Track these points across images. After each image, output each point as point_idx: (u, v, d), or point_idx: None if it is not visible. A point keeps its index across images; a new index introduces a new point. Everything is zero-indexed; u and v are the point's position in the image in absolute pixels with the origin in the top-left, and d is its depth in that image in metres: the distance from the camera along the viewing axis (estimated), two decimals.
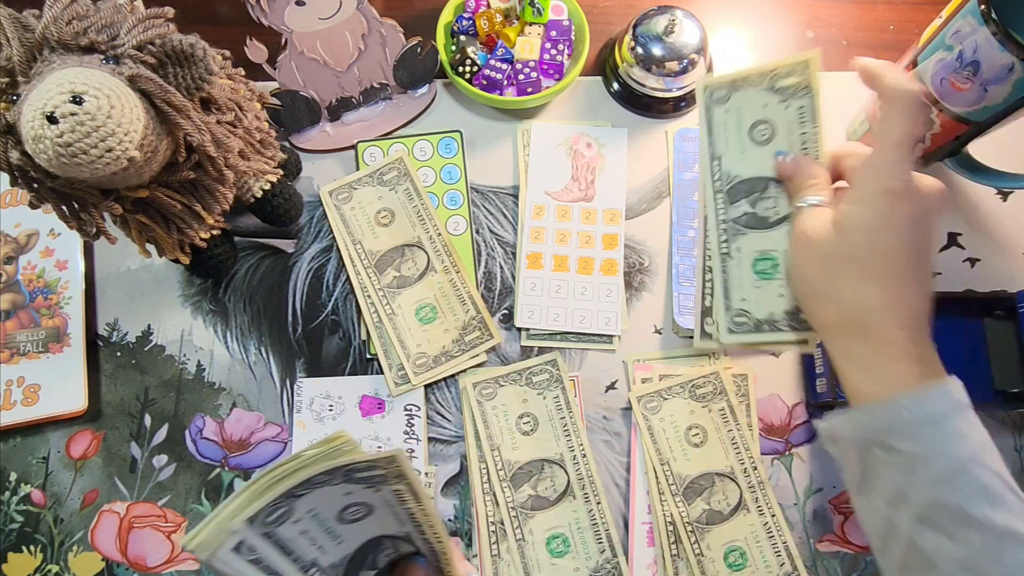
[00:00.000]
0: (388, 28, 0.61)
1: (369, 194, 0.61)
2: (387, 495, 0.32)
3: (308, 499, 0.30)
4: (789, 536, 0.55)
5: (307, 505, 0.30)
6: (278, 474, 0.29)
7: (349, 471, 0.30)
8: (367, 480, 0.31)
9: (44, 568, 0.55)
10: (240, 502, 0.28)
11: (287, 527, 0.30)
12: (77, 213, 0.44)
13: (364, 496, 0.32)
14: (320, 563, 0.32)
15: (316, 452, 0.29)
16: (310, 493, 0.30)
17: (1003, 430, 0.58)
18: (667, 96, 0.63)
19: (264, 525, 0.29)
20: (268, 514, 0.29)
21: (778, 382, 0.59)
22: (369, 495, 0.32)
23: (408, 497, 0.32)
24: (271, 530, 0.29)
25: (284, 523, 0.30)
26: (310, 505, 0.30)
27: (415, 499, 0.33)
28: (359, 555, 0.35)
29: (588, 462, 0.56)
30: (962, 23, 0.47)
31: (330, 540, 0.32)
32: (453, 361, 0.57)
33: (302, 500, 0.30)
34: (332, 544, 0.33)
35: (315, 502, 0.31)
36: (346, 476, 0.30)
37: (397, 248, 0.60)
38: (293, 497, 0.29)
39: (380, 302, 0.58)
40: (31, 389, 0.57)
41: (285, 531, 0.30)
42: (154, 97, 0.40)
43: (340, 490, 0.31)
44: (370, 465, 0.30)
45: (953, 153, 0.58)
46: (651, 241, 0.62)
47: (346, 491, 0.31)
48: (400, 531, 0.35)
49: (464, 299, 0.59)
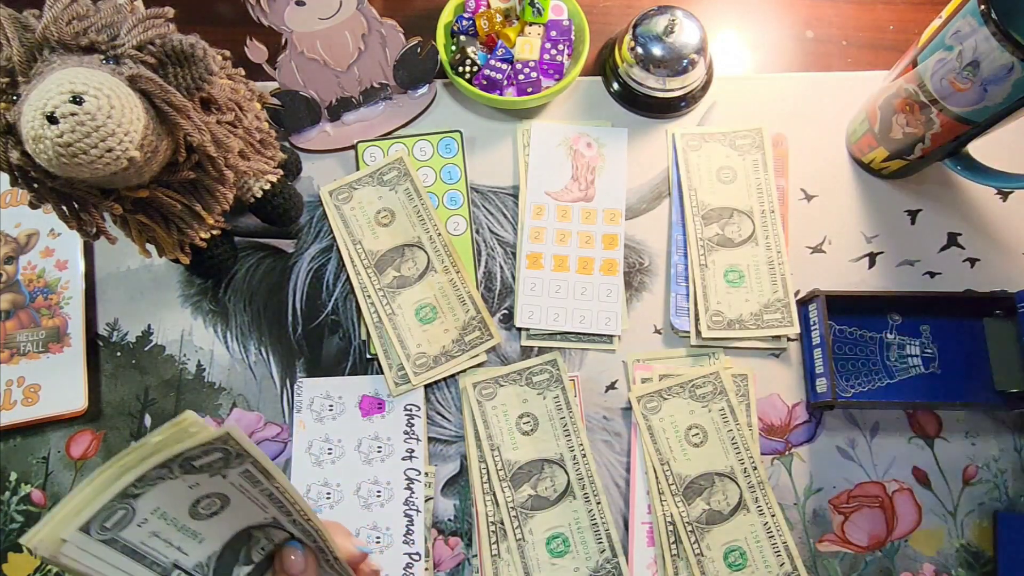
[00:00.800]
0: (388, 28, 0.61)
1: (369, 194, 0.61)
2: (236, 479, 0.30)
3: (149, 498, 0.28)
4: (789, 536, 0.55)
5: (150, 504, 0.28)
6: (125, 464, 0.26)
7: (186, 460, 0.27)
8: (209, 467, 0.28)
9: (44, 568, 0.55)
10: (83, 498, 0.26)
11: (132, 531, 0.28)
12: (77, 213, 0.44)
13: (213, 486, 0.29)
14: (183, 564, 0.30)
15: (161, 438, 0.26)
16: (150, 491, 0.27)
17: (1003, 430, 0.58)
18: (667, 96, 0.63)
19: (103, 531, 0.27)
20: (105, 519, 0.26)
21: (778, 382, 0.59)
22: (218, 483, 0.30)
23: (259, 477, 0.30)
24: (114, 536, 0.27)
25: (128, 527, 0.27)
26: (154, 504, 0.28)
27: (266, 477, 0.30)
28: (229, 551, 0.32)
29: (588, 462, 0.56)
30: (962, 23, 0.47)
31: (189, 539, 0.30)
32: (453, 361, 0.57)
33: (142, 499, 0.27)
34: (193, 543, 0.30)
35: (159, 500, 0.28)
36: (184, 467, 0.27)
37: (397, 248, 0.60)
38: (130, 497, 0.27)
39: (380, 302, 0.58)
40: (31, 389, 0.57)
41: (131, 535, 0.28)
42: (154, 97, 0.40)
43: (184, 483, 0.28)
44: (205, 450, 0.27)
45: (953, 153, 0.58)
46: (651, 241, 0.62)
47: (191, 483, 0.29)
48: (266, 518, 0.33)
49: (464, 299, 0.59)
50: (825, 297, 0.57)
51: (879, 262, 0.62)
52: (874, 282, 0.62)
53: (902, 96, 0.55)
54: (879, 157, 0.62)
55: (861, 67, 0.67)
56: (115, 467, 0.26)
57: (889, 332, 0.60)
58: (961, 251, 0.62)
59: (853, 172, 0.64)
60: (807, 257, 0.62)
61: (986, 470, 0.57)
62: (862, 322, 0.60)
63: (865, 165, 0.64)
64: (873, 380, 0.59)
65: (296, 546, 0.34)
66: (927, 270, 0.62)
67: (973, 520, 0.57)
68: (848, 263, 0.62)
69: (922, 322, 0.60)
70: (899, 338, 0.60)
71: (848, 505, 0.57)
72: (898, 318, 0.60)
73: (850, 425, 0.58)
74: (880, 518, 0.57)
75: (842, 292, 0.59)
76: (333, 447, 0.56)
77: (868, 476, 0.57)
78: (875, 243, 0.62)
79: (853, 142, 0.64)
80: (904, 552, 0.56)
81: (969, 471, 0.57)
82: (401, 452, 0.56)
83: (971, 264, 0.62)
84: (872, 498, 0.57)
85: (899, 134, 0.58)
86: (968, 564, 0.56)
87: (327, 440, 0.56)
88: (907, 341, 0.60)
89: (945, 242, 0.63)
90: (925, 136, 0.56)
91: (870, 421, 0.58)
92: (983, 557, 0.56)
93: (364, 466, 0.56)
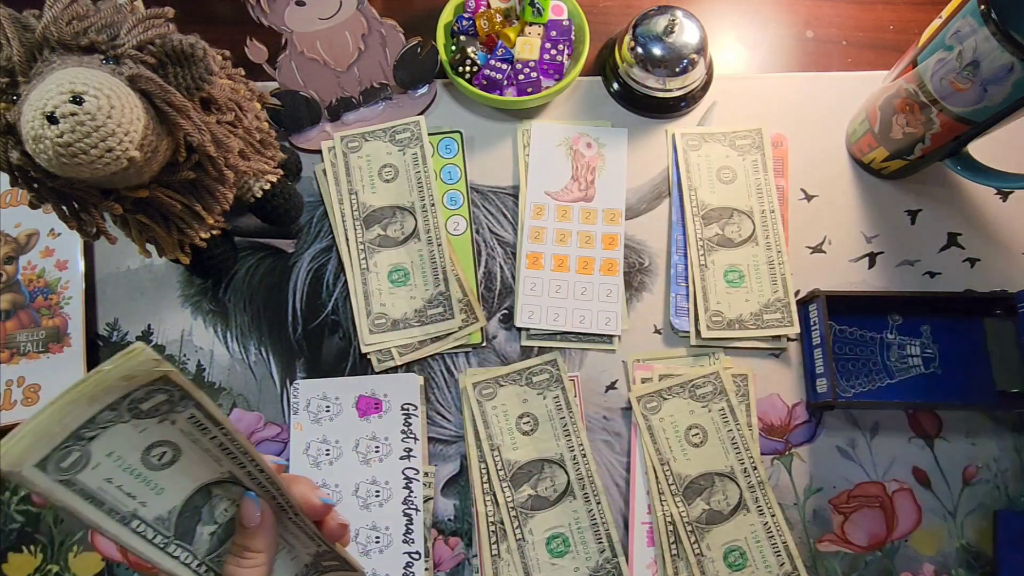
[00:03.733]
0: (388, 28, 0.61)
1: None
2: (184, 425, 0.30)
3: (102, 441, 0.28)
4: (789, 536, 0.55)
5: (103, 448, 0.29)
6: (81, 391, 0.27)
7: (133, 403, 0.28)
8: (156, 411, 0.29)
9: (44, 568, 0.55)
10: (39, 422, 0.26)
11: (88, 474, 0.28)
12: (77, 213, 0.44)
13: (161, 433, 0.30)
14: (142, 516, 0.31)
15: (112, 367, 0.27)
16: (102, 434, 0.28)
17: (1003, 430, 0.58)
18: (667, 96, 0.63)
19: (60, 471, 0.27)
20: (60, 459, 0.27)
21: (778, 382, 0.59)
22: (167, 430, 0.30)
23: (207, 423, 0.31)
24: (70, 478, 0.28)
25: (83, 470, 0.28)
26: (107, 448, 0.29)
27: (213, 423, 0.31)
28: (190, 508, 0.33)
29: (588, 462, 0.56)
30: (962, 23, 0.47)
31: (147, 490, 0.31)
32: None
33: (96, 442, 0.28)
34: (152, 495, 0.31)
35: (111, 444, 0.29)
36: (132, 410, 0.28)
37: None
38: (83, 440, 0.28)
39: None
40: (31, 389, 0.57)
41: (88, 479, 0.28)
42: (154, 97, 0.40)
43: (132, 428, 0.29)
44: (149, 391, 0.28)
45: (953, 153, 0.58)
46: (651, 241, 0.62)
47: (139, 428, 0.29)
48: (222, 473, 0.33)
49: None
50: (825, 297, 0.57)
51: (879, 262, 0.62)
52: (874, 282, 0.62)
53: (902, 96, 0.55)
54: (879, 157, 0.62)
55: (861, 67, 0.67)
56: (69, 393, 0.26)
57: (889, 332, 0.60)
58: (961, 251, 0.62)
59: (853, 172, 0.64)
60: (807, 257, 0.62)
61: (986, 470, 0.57)
62: (862, 322, 0.60)
63: (865, 165, 0.64)
64: (873, 380, 0.59)
65: (251, 496, 0.34)
66: (927, 270, 0.62)
67: (973, 520, 0.57)
68: (848, 263, 0.62)
69: (922, 322, 0.60)
70: (899, 338, 0.60)
71: (848, 505, 0.57)
72: (898, 318, 0.60)
73: (850, 425, 0.58)
74: (880, 518, 0.57)
75: (842, 292, 0.59)
76: (331, 448, 0.56)
77: (868, 476, 0.57)
78: (875, 243, 0.62)
79: (853, 142, 0.64)
80: (904, 552, 0.56)
81: (969, 471, 0.57)
82: (399, 452, 0.56)
83: (971, 264, 0.62)
84: (872, 498, 0.57)
85: (899, 134, 0.58)
86: (968, 564, 0.56)
87: (325, 441, 0.56)
88: (907, 341, 0.60)
89: (945, 242, 0.63)
90: (925, 136, 0.56)
91: (870, 421, 0.58)
92: (983, 557, 0.56)
93: (362, 466, 0.56)
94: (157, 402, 0.29)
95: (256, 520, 0.33)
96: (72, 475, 0.28)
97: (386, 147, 0.62)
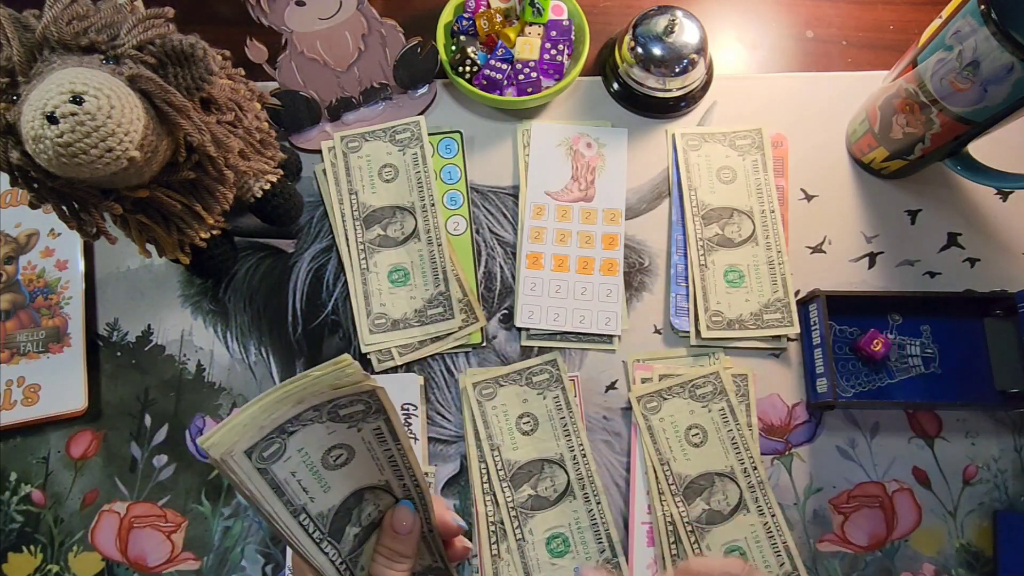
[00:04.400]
0: (388, 28, 0.61)
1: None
2: (367, 435, 0.33)
3: (298, 437, 0.31)
4: (789, 536, 0.55)
5: (297, 443, 0.31)
6: (288, 392, 0.29)
7: (334, 407, 0.31)
8: (350, 418, 0.32)
9: (44, 568, 0.55)
10: (249, 415, 0.29)
11: (279, 466, 0.31)
12: (77, 213, 0.44)
13: (346, 437, 0.33)
14: (309, 511, 0.33)
15: (321, 373, 0.30)
16: (300, 431, 0.30)
17: (1003, 430, 0.58)
18: (667, 96, 0.63)
19: (261, 460, 0.30)
20: (264, 449, 0.29)
21: (778, 382, 0.59)
22: (351, 436, 0.33)
23: (387, 437, 0.33)
24: (266, 467, 0.30)
25: (278, 461, 0.30)
26: (300, 444, 0.31)
27: (393, 439, 0.33)
28: (344, 509, 0.35)
29: (588, 462, 0.56)
30: (962, 23, 0.47)
31: (317, 486, 0.33)
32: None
33: (294, 437, 0.30)
34: (320, 491, 0.33)
35: (304, 441, 0.31)
36: (331, 414, 0.31)
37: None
38: (285, 433, 0.30)
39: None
40: (31, 389, 0.57)
41: (278, 470, 0.31)
42: (154, 97, 0.40)
43: (325, 429, 0.32)
44: (352, 399, 0.31)
45: (953, 153, 0.58)
46: (651, 241, 0.62)
47: (330, 430, 0.32)
48: (380, 480, 0.35)
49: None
50: (825, 297, 0.57)
51: (879, 262, 0.62)
52: (874, 282, 0.62)
53: (902, 96, 0.55)
54: (879, 157, 0.62)
55: (861, 67, 0.67)
56: (280, 391, 0.29)
57: (889, 332, 0.60)
58: (961, 251, 0.62)
59: (853, 172, 0.64)
60: (807, 257, 0.62)
61: (986, 470, 0.57)
62: (862, 322, 0.60)
63: (865, 165, 0.64)
64: (873, 380, 0.59)
65: (408, 505, 0.36)
66: (927, 270, 0.62)
67: (973, 520, 0.57)
68: (848, 263, 0.62)
69: (922, 322, 0.60)
70: (899, 338, 0.60)
71: (848, 505, 0.57)
72: (898, 318, 0.60)
73: (850, 425, 0.58)
74: (880, 518, 0.57)
75: (842, 292, 0.59)
76: None
77: (868, 476, 0.57)
78: (875, 243, 0.62)
79: (853, 142, 0.64)
80: (904, 552, 0.56)
81: (969, 471, 0.57)
82: None
83: (971, 264, 0.62)
84: (872, 498, 0.57)
85: (899, 134, 0.58)
86: (968, 564, 0.56)
87: None
88: (907, 341, 0.60)
89: (945, 242, 0.63)
90: (925, 136, 0.56)
91: (870, 421, 0.58)
92: (983, 557, 0.56)
93: None
94: (354, 411, 0.32)
95: (409, 528, 0.36)
96: (268, 464, 0.30)
97: (386, 147, 0.62)
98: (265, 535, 0.56)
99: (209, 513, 0.56)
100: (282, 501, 0.31)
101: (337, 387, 0.30)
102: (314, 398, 0.30)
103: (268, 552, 0.55)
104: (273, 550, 0.55)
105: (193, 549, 0.55)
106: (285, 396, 0.29)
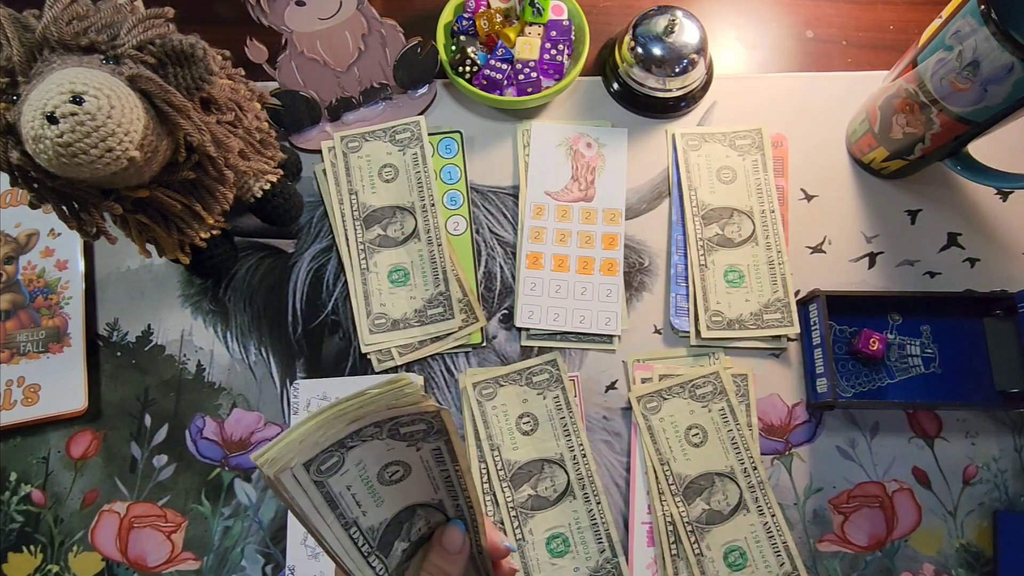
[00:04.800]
0: (388, 28, 0.61)
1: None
2: (426, 454, 0.33)
3: (357, 452, 0.30)
4: (789, 536, 0.55)
5: (356, 458, 0.31)
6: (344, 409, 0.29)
7: (395, 425, 0.30)
8: (410, 437, 0.31)
9: (44, 568, 0.55)
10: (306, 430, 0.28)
11: (336, 479, 0.30)
12: (77, 213, 0.44)
13: (404, 454, 0.32)
14: (360, 524, 0.32)
15: (379, 391, 0.29)
16: (360, 446, 0.30)
17: (1003, 430, 0.58)
18: (667, 96, 0.63)
19: (318, 473, 0.29)
20: (322, 462, 0.29)
21: (778, 382, 0.59)
22: (409, 454, 0.32)
23: (446, 458, 0.33)
24: (323, 480, 0.30)
25: (334, 475, 0.30)
26: (358, 458, 0.31)
27: (452, 460, 0.33)
28: (395, 523, 0.35)
29: (588, 462, 0.56)
30: (962, 23, 0.47)
31: (371, 501, 0.33)
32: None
33: (352, 452, 0.30)
34: (373, 506, 0.33)
35: (362, 456, 0.31)
36: (391, 431, 0.30)
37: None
38: (344, 448, 0.30)
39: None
40: (31, 389, 0.57)
41: (335, 483, 0.30)
42: (154, 97, 0.40)
43: (384, 446, 0.31)
44: (415, 419, 0.30)
45: (953, 153, 0.58)
46: (651, 241, 0.62)
47: (389, 447, 0.31)
48: (433, 499, 0.35)
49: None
50: (825, 297, 0.57)
51: (879, 262, 0.62)
52: (874, 282, 0.62)
53: (902, 96, 0.55)
54: (879, 157, 0.62)
55: (861, 67, 0.67)
56: (335, 409, 0.28)
57: (889, 332, 0.60)
58: (961, 251, 0.62)
59: (853, 172, 0.64)
60: (807, 257, 0.62)
61: (986, 470, 0.57)
62: (862, 322, 0.60)
63: (865, 165, 0.64)
64: (873, 380, 0.59)
65: (459, 524, 0.36)
66: (927, 270, 0.62)
67: (973, 520, 0.57)
68: (848, 263, 0.62)
69: (922, 322, 0.60)
70: (899, 338, 0.60)
71: (848, 505, 0.57)
72: (898, 318, 0.60)
73: (850, 425, 0.58)
74: (880, 518, 0.57)
75: (842, 292, 0.59)
76: None
77: (868, 476, 0.57)
78: (875, 243, 0.62)
79: (853, 142, 0.64)
80: (904, 552, 0.56)
81: (969, 471, 0.57)
82: None
83: (971, 264, 0.62)
84: (872, 498, 0.57)
85: (899, 134, 0.58)
86: (968, 564, 0.56)
87: None
88: (907, 341, 0.60)
89: (945, 242, 0.63)
90: (925, 136, 0.56)
91: (870, 421, 0.58)
92: (983, 557, 0.56)
93: None
94: (415, 429, 0.31)
95: (459, 547, 0.36)
96: (325, 478, 0.30)
97: (386, 147, 0.62)
98: (265, 535, 0.56)
99: (209, 513, 0.56)
100: (335, 514, 0.31)
101: (393, 407, 0.29)
102: (371, 416, 0.29)
103: (268, 552, 0.55)
104: (273, 550, 0.55)
105: (193, 549, 0.55)
106: (340, 414, 0.29)
